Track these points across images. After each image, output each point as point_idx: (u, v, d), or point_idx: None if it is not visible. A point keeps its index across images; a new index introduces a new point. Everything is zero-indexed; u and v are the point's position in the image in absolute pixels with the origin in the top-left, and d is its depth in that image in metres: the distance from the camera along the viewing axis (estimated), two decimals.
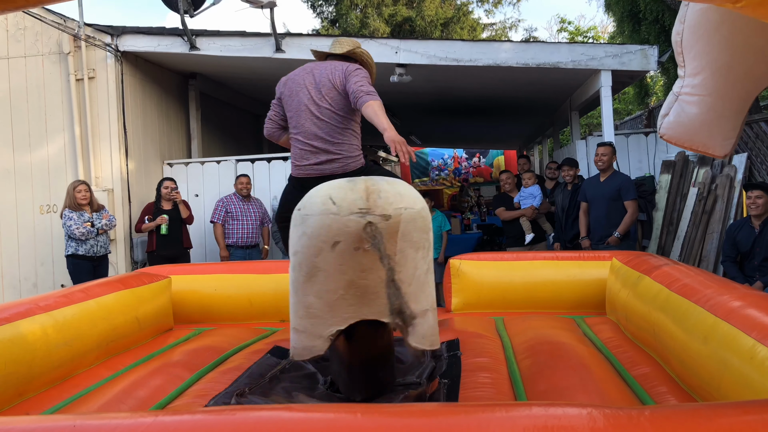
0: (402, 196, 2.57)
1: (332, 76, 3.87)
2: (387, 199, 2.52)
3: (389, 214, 2.50)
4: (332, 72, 3.89)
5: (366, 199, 2.50)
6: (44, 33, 7.71)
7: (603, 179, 6.45)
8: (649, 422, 1.58)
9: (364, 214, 2.48)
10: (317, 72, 3.93)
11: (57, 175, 7.67)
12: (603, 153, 6.45)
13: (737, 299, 2.80)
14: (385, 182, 2.61)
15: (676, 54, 2.24)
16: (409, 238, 2.57)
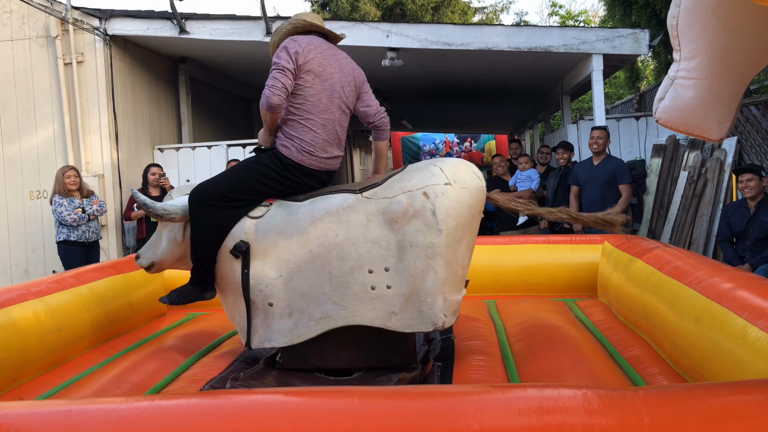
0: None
1: (356, 75, 3.40)
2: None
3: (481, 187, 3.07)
4: (355, 71, 3.42)
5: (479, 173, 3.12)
6: (31, 16, 7.61)
7: (597, 163, 6.46)
8: (643, 402, 1.60)
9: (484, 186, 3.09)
10: (343, 61, 3.36)
11: (46, 161, 7.61)
12: (598, 136, 6.46)
13: (728, 281, 2.83)
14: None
15: (672, 37, 2.23)
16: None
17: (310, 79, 3.16)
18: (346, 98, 3.30)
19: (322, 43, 3.29)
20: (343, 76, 3.29)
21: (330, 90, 3.22)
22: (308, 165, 3.18)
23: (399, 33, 7.55)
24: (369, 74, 3.68)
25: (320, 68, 3.19)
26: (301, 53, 3.12)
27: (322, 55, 3.22)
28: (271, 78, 3.07)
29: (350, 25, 7.61)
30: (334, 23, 7.66)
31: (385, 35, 7.52)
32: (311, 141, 3.17)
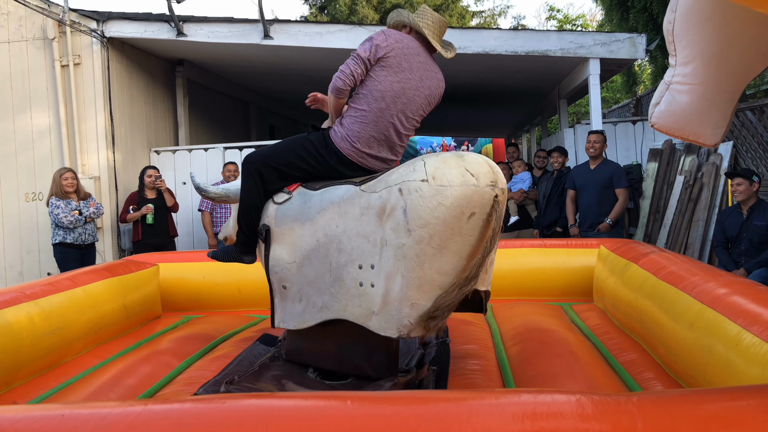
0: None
1: (435, 92, 3.33)
2: (501, 175, 2.71)
3: (504, 188, 2.67)
4: (437, 88, 3.34)
5: (493, 172, 2.65)
6: (28, 18, 7.60)
7: (593, 167, 6.47)
8: (637, 408, 1.60)
9: (493, 187, 2.62)
10: (430, 72, 3.27)
11: (42, 163, 7.59)
12: (595, 140, 6.47)
13: (723, 286, 2.83)
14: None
15: (668, 43, 2.24)
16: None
17: (382, 74, 3.08)
18: (413, 106, 3.18)
19: (416, 47, 3.19)
20: (420, 84, 3.17)
21: (398, 92, 3.10)
22: (346, 153, 3.13)
23: None
24: None
25: (398, 67, 3.10)
26: (383, 47, 3.06)
27: (406, 56, 3.12)
28: (345, 63, 3.08)
29: (348, 29, 7.62)
30: (332, 26, 7.67)
31: None
32: (358, 132, 3.11)
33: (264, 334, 3.93)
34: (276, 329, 4.07)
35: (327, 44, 7.53)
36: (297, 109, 14.26)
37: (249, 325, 4.47)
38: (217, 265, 4.97)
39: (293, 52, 8.03)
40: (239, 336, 4.10)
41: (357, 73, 3.06)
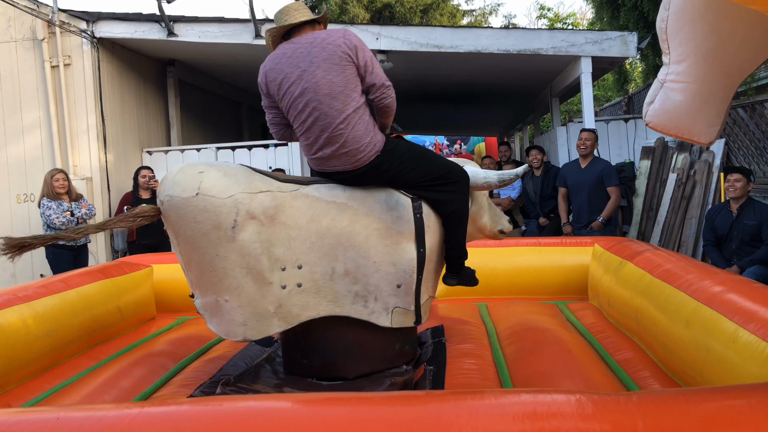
0: (174, 183, 2.81)
1: (335, 50, 3.15)
2: (163, 186, 2.86)
3: (162, 200, 2.85)
4: (328, 47, 3.14)
5: (162, 182, 2.90)
6: (17, 18, 7.55)
7: (584, 165, 6.48)
8: (637, 408, 1.60)
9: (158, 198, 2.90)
10: (303, 52, 3.15)
11: (34, 164, 7.54)
12: (587, 138, 6.47)
13: (719, 284, 2.83)
14: (179, 169, 2.89)
15: (661, 41, 2.24)
16: (179, 226, 2.82)
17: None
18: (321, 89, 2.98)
19: (281, 53, 3.07)
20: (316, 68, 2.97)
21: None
22: None
23: (388, 36, 7.55)
24: None
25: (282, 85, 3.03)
26: (262, 84, 3.14)
27: (278, 73, 3.03)
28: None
29: (339, 28, 7.59)
30: None
31: (375, 38, 7.51)
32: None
33: None
34: None
35: None
36: None
37: None
38: None
39: None
40: None
41: (274, 121, 3.24)
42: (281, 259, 2.87)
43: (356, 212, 3.02)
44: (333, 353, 3.06)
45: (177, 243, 2.85)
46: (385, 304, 3.07)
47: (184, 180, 2.77)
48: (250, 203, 2.79)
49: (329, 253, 2.96)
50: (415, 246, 3.09)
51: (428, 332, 3.79)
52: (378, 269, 3.02)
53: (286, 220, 2.88)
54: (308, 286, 2.93)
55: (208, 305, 2.86)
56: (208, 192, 2.74)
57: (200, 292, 2.87)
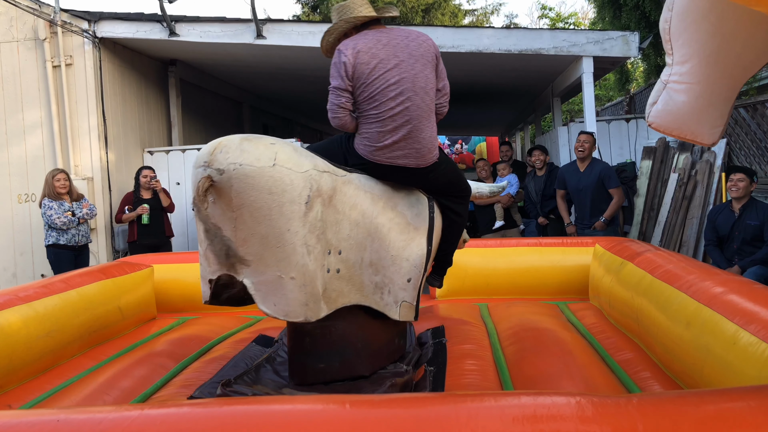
0: (244, 152, 2.60)
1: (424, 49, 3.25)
2: (226, 154, 2.59)
3: (222, 169, 2.58)
4: (421, 44, 3.24)
5: (211, 152, 2.62)
6: (19, 18, 7.55)
7: (583, 168, 6.44)
8: (637, 410, 1.59)
9: (206, 167, 2.60)
10: (400, 43, 3.18)
11: (35, 164, 7.54)
12: (585, 141, 6.44)
13: (719, 285, 2.83)
14: (241, 138, 2.68)
15: (664, 42, 2.23)
16: (246, 196, 2.59)
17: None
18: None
19: (371, 37, 3.02)
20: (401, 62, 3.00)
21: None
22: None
23: None
24: None
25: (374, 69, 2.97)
26: (349, 63, 2.96)
27: (372, 54, 2.97)
28: (329, 100, 3.02)
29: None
30: (324, 26, 7.64)
31: None
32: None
33: (260, 335, 3.92)
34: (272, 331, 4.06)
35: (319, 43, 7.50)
36: (290, 108, 14.23)
37: (245, 326, 4.46)
38: None
39: (286, 52, 8.01)
40: (235, 337, 4.09)
41: (345, 105, 3.00)
42: (329, 242, 2.84)
43: (384, 205, 3.07)
44: (351, 352, 3.03)
45: (235, 216, 2.60)
46: (396, 297, 3.11)
47: (255, 149, 2.61)
48: (319, 181, 2.74)
49: (361, 243, 2.98)
50: (426, 242, 3.18)
51: (429, 333, 3.79)
52: (394, 262, 3.07)
53: (336, 204, 2.87)
54: (344, 273, 2.93)
55: (266, 283, 2.67)
56: (285, 164, 2.62)
57: (258, 269, 2.66)
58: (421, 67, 3.01)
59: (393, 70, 2.94)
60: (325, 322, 2.91)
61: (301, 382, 3.05)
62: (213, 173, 2.57)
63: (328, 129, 18.81)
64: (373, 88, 2.94)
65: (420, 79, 2.99)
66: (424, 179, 3.19)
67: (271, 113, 13.45)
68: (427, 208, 3.24)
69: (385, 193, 3.11)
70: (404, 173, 3.09)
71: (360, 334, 3.05)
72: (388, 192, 3.13)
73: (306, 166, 2.69)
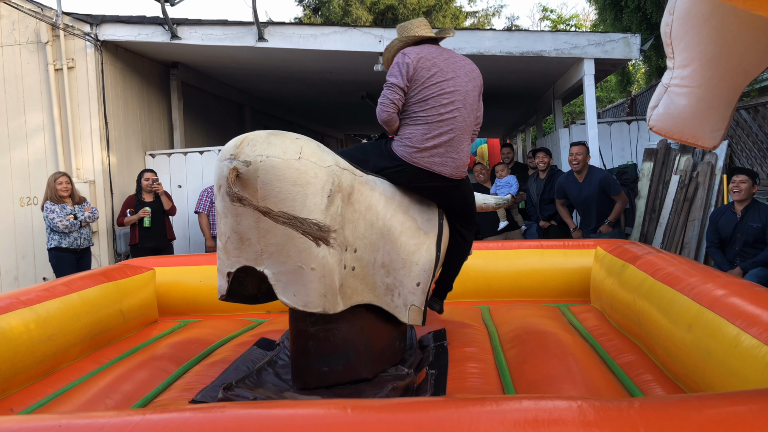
0: (271, 144, 2.67)
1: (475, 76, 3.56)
2: (254, 146, 2.66)
3: (249, 161, 2.62)
4: (474, 70, 3.55)
5: (237, 145, 2.68)
6: (21, 22, 7.56)
7: (582, 179, 6.39)
8: (639, 414, 1.59)
9: (232, 160, 2.64)
10: (458, 62, 3.49)
11: (37, 167, 7.56)
12: (578, 152, 6.35)
13: (721, 288, 2.83)
14: (268, 133, 2.76)
15: (665, 45, 2.23)
16: (271, 188, 2.63)
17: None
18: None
19: (432, 50, 3.26)
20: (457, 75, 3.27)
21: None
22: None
23: (391, 38, 7.51)
24: (361, 79, 3.71)
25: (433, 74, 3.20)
26: (412, 64, 3.15)
27: (432, 61, 3.20)
28: (382, 94, 3.16)
29: (342, 30, 7.60)
30: (326, 28, 7.66)
31: (378, 40, 7.51)
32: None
33: (261, 339, 3.91)
34: (274, 334, 4.06)
35: (321, 46, 7.53)
36: (292, 111, 14.24)
37: (246, 329, 4.45)
38: (214, 269, 4.96)
39: (288, 55, 8.02)
40: (236, 340, 4.09)
41: (397, 102, 3.16)
42: (346, 239, 2.90)
43: (397, 208, 3.15)
44: (354, 355, 3.03)
45: (259, 207, 2.66)
46: (405, 300, 3.16)
47: (282, 143, 2.69)
48: (340, 177, 2.81)
49: (375, 243, 3.04)
50: (435, 248, 3.26)
51: (430, 336, 3.79)
52: (404, 265, 3.13)
53: (354, 203, 2.93)
54: (358, 271, 2.98)
55: (287, 273, 2.71)
56: (310, 157, 2.69)
57: (279, 260, 2.70)
58: (472, 88, 3.29)
59: (449, 81, 3.18)
60: (328, 324, 2.94)
61: (303, 385, 3.05)
62: (239, 165, 2.63)
63: (329, 131, 18.83)
64: (428, 92, 3.14)
65: (470, 97, 3.27)
66: (449, 194, 3.31)
67: (272, 116, 13.47)
68: (437, 214, 3.33)
69: (397, 197, 3.19)
70: (435, 181, 3.20)
71: (362, 336, 3.05)
72: (400, 196, 3.21)
73: (329, 162, 2.77)
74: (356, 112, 14.54)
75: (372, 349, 3.09)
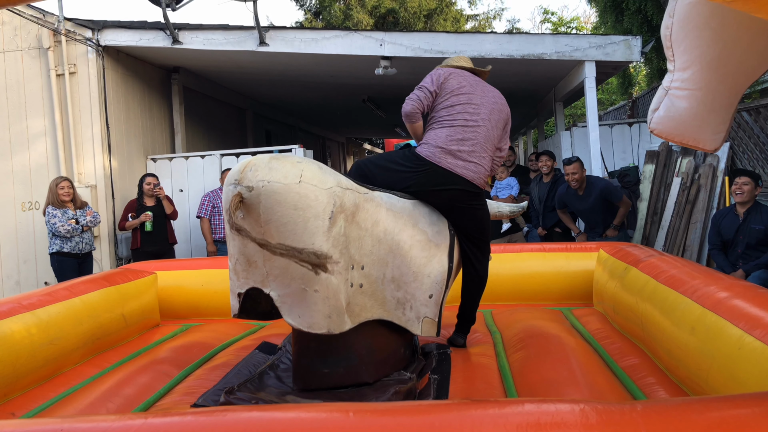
0: (272, 170, 2.72)
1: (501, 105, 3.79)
2: (256, 172, 2.71)
3: (252, 186, 2.69)
4: (499, 100, 3.78)
5: (241, 170, 2.75)
6: (23, 27, 7.58)
7: (582, 192, 6.39)
8: (641, 417, 1.59)
9: (236, 185, 2.72)
10: (487, 89, 3.77)
11: (38, 172, 7.57)
12: (573, 171, 6.31)
13: (724, 290, 2.82)
14: (270, 157, 2.80)
15: (666, 48, 2.23)
16: (273, 212, 2.68)
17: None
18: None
19: (467, 75, 3.52)
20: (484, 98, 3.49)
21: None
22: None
23: (392, 42, 7.56)
24: (363, 83, 3.73)
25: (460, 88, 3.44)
26: (444, 74, 3.43)
27: (463, 78, 3.47)
28: (413, 92, 3.38)
29: (344, 34, 7.62)
30: (327, 32, 7.67)
31: (379, 44, 7.52)
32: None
33: (263, 342, 3.91)
34: (275, 338, 4.06)
35: (322, 50, 7.54)
36: (293, 114, 14.26)
37: (248, 333, 4.45)
38: (216, 273, 4.97)
39: (289, 59, 8.03)
40: (238, 344, 4.08)
41: (425, 104, 3.38)
42: (352, 258, 2.92)
43: (406, 222, 3.17)
44: (357, 358, 3.04)
45: (263, 231, 2.71)
46: (417, 313, 3.19)
47: (283, 167, 2.72)
48: (342, 197, 2.83)
49: (383, 259, 3.07)
50: (447, 259, 3.28)
51: (433, 344, 3.77)
52: (416, 278, 3.15)
53: (359, 221, 2.96)
54: (366, 288, 3.01)
55: (291, 295, 2.77)
56: (310, 181, 2.72)
57: (284, 282, 2.76)
58: (497, 117, 3.47)
59: (477, 100, 3.40)
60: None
61: (304, 386, 3.06)
62: (243, 190, 2.69)
63: (331, 135, 18.84)
64: (456, 100, 3.36)
65: (493, 122, 3.43)
66: (466, 204, 3.35)
67: (274, 120, 13.48)
68: (447, 226, 3.34)
69: (406, 211, 3.20)
70: (457, 185, 3.26)
71: (366, 341, 3.06)
72: (409, 209, 3.22)
73: (330, 183, 2.80)
74: (357, 116, 14.55)
75: (374, 353, 3.09)
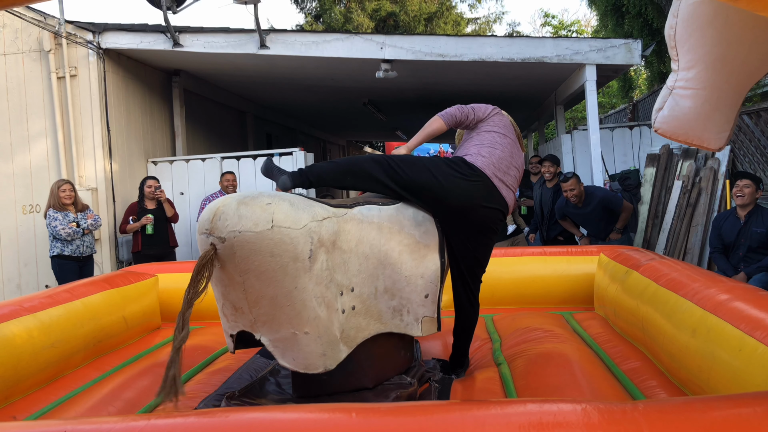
0: (241, 218, 2.60)
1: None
2: (225, 221, 2.60)
3: (224, 237, 2.58)
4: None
5: (210, 219, 2.63)
6: (24, 30, 7.60)
7: (581, 205, 6.40)
8: (643, 416, 1.59)
9: (208, 235, 2.62)
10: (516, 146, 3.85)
11: (39, 175, 7.57)
12: (571, 188, 6.29)
13: (724, 292, 2.82)
14: (237, 202, 2.65)
15: (670, 48, 2.24)
16: (250, 262, 2.59)
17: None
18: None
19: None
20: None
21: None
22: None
23: (393, 45, 7.57)
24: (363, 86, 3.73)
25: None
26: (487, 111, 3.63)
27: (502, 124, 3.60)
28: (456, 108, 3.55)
29: (344, 37, 7.63)
30: (327, 35, 7.68)
31: (379, 47, 7.53)
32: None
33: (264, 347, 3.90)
34: None
35: (323, 53, 7.55)
36: (294, 117, 14.27)
37: None
38: None
39: (289, 62, 8.04)
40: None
41: (467, 118, 3.56)
42: (340, 284, 2.84)
43: (390, 230, 3.09)
44: (356, 363, 3.01)
45: (243, 281, 2.62)
46: (416, 315, 3.15)
47: (252, 213, 2.59)
48: (319, 231, 2.72)
49: (373, 273, 3.00)
50: (438, 256, 3.23)
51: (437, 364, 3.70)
52: (409, 283, 3.10)
53: (341, 245, 2.87)
54: (359, 308, 2.94)
55: (282, 340, 2.71)
56: (282, 224, 2.60)
57: (272, 328, 2.70)
58: (518, 153, 3.55)
59: (502, 130, 3.53)
60: None
61: (304, 393, 3.04)
62: (215, 241, 2.60)
63: (332, 138, 18.85)
64: (490, 123, 3.54)
65: (513, 155, 3.48)
66: (495, 228, 3.38)
67: (274, 122, 13.49)
68: (434, 223, 3.27)
69: (389, 218, 3.12)
70: (498, 205, 3.31)
71: (365, 346, 3.03)
72: (392, 216, 3.14)
73: (304, 221, 2.68)
74: (358, 119, 14.56)
75: (374, 358, 3.08)
